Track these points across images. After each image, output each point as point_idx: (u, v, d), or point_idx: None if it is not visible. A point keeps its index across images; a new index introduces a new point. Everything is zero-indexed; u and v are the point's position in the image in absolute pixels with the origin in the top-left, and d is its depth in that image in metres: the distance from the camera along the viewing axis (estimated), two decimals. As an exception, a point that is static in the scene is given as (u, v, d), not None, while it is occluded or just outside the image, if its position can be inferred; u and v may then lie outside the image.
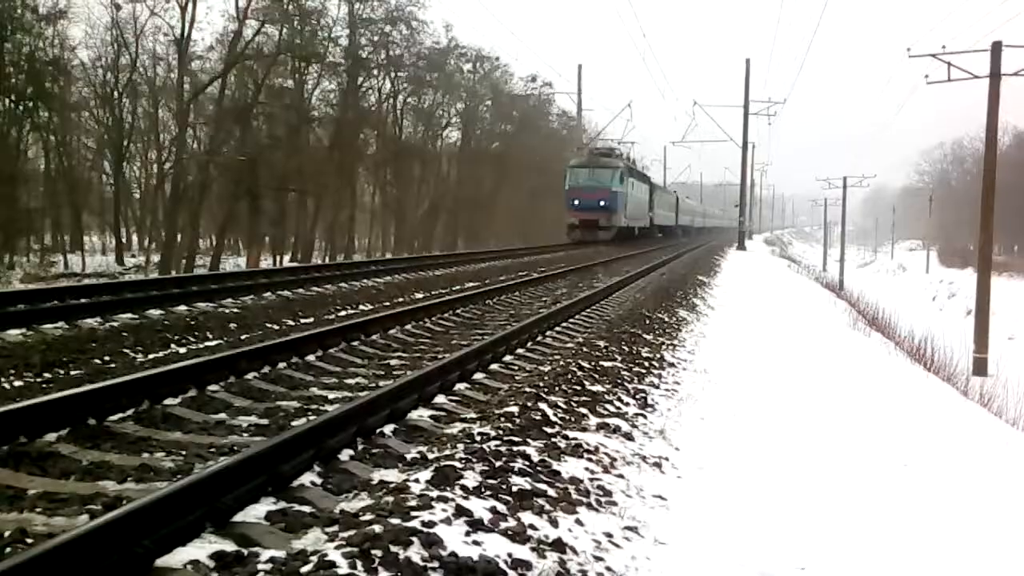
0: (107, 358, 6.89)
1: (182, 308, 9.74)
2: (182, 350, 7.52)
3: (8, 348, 6.85)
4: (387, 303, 11.39)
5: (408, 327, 9.17)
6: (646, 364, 7.87)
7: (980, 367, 21.74)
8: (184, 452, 4.38)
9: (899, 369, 12.44)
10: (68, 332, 7.78)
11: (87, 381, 5.77)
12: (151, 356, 7.16)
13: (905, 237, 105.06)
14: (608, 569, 3.35)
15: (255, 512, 3.46)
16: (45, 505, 3.52)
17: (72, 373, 6.30)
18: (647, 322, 10.55)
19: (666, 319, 11.39)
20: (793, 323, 14.30)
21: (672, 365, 8.24)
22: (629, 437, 5.29)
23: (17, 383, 5.88)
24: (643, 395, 6.55)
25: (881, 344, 15.35)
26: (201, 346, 7.77)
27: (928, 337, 17.73)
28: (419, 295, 12.63)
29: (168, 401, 5.32)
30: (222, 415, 5.22)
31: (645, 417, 5.91)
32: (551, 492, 3.94)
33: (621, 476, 4.49)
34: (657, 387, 7.04)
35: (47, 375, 6.19)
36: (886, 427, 6.92)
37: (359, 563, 2.83)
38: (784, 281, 27.32)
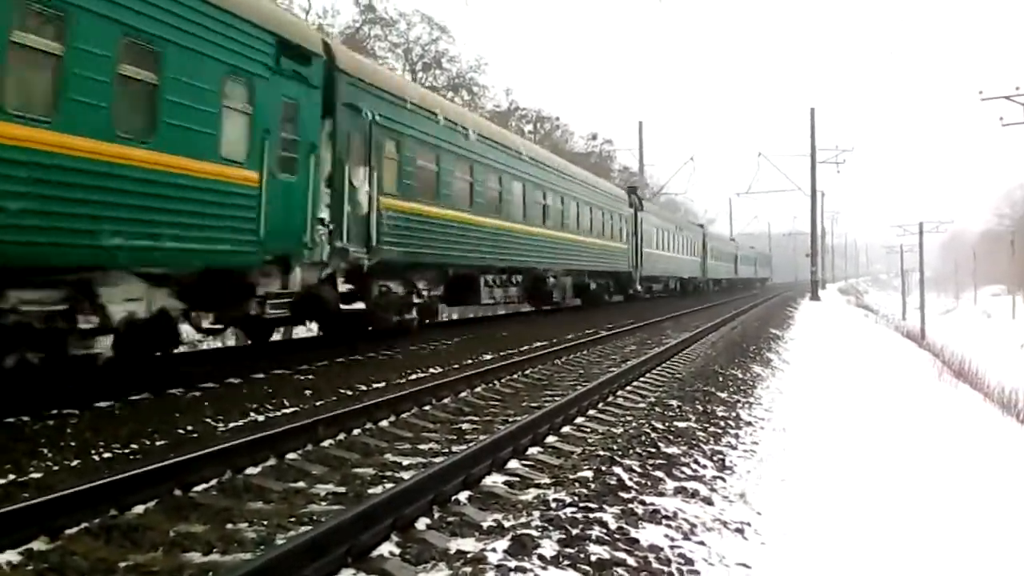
0: (190, 428, 7.08)
1: (260, 375, 9.98)
2: (260, 418, 7.68)
3: (98, 421, 7.10)
4: (456, 365, 11.45)
5: (478, 389, 9.21)
6: (722, 424, 7.71)
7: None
8: (266, 522, 4.45)
9: (989, 422, 11.88)
10: (154, 402, 8.04)
11: (172, 453, 5.94)
12: (231, 425, 7.33)
13: (987, 282, 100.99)
14: (693, 643, 3.25)
15: (336, 584, 3.49)
16: (136, 578, 3.61)
17: (158, 444, 6.49)
18: (720, 379, 10.36)
19: (740, 375, 11.16)
20: (874, 376, 13.84)
21: (749, 424, 8.05)
22: (708, 501, 5.17)
23: (107, 455, 6.08)
24: (720, 456, 6.41)
25: (969, 396, 14.71)
26: (278, 414, 7.93)
27: (1020, 388, 16.92)
28: (487, 356, 12.66)
29: (249, 470, 5.45)
30: (301, 483, 5.31)
31: (724, 480, 5.77)
32: (630, 561, 3.86)
33: (702, 543, 4.38)
34: (735, 447, 6.88)
35: (134, 446, 6.39)
36: (980, 487, 6.60)
37: (440, 638, 2.82)
38: (862, 332, 26.52)
